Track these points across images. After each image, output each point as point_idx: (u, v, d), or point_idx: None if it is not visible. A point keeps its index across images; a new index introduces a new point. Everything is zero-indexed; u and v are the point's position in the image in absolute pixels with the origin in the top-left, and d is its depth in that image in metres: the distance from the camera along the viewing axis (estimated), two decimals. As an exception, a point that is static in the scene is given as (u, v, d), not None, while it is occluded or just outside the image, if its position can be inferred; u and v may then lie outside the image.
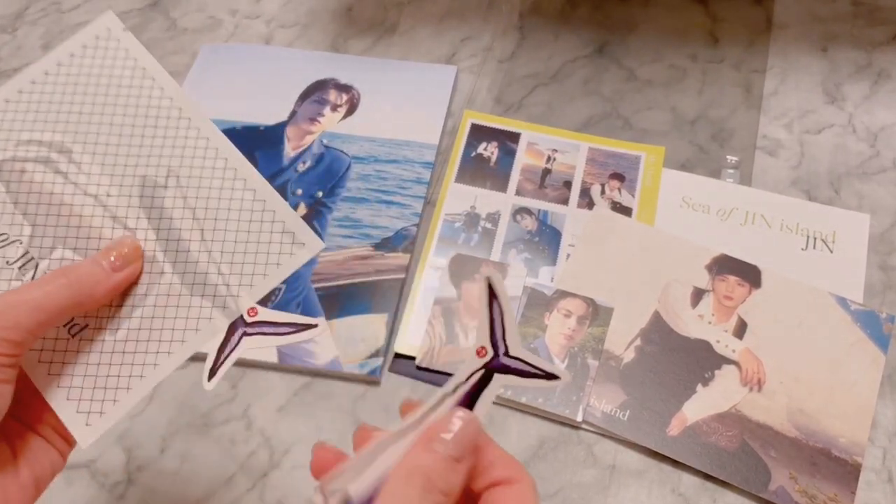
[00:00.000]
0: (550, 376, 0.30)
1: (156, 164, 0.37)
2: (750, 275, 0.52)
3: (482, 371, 0.30)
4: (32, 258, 0.36)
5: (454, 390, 0.29)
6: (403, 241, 0.55)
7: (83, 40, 0.39)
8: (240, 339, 0.35)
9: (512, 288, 0.53)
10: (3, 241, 0.36)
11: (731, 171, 0.58)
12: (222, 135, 0.38)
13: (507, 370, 0.30)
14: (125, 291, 0.36)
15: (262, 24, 0.68)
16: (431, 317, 0.52)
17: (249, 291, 0.36)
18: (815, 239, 0.54)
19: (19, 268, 0.36)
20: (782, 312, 0.51)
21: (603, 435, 0.48)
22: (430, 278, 0.54)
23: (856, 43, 0.64)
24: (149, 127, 0.37)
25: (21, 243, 0.36)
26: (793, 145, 0.59)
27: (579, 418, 0.48)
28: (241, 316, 0.35)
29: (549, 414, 0.48)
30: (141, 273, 0.36)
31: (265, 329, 0.36)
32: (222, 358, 0.35)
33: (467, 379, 0.30)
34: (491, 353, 0.30)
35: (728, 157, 0.59)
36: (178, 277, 0.36)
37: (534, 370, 0.30)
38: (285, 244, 0.36)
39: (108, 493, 0.47)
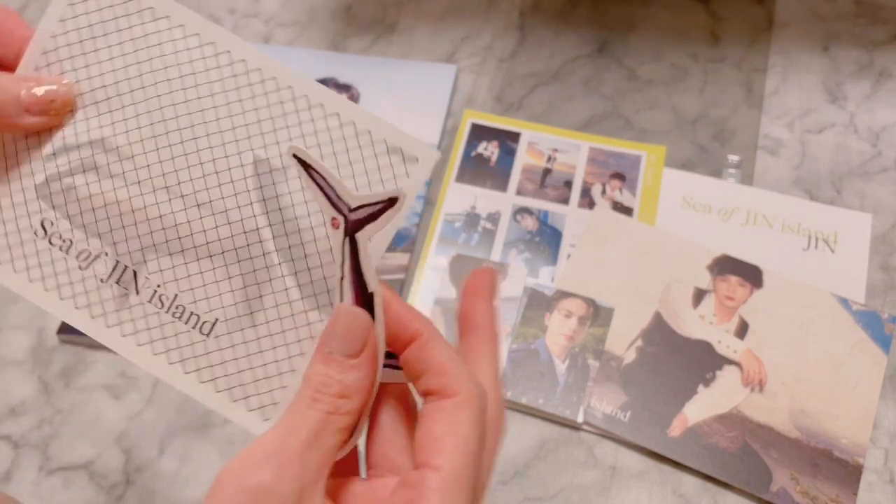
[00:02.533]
0: (391, 200, 0.29)
1: (261, 145, 0.31)
2: (751, 275, 0.52)
3: (349, 241, 0.29)
4: (126, 267, 0.31)
5: (342, 279, 0.28)
6: (403, 241, 0.55)
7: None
8: None
9: (512, 288, 0.53)
10: (85, 258, 0.31)
11: (732, 170, 0.58)
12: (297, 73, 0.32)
13: (360, 224, 0.29)
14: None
15: (261, 23, 0.68)
16: (431, 317, 0.52)
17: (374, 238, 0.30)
18: (816, 239, 0.54)
19: (116, 282, 0.31)
20: (784, 313, 0.51)
21: (604, 436, 0.48)
22: (430, 278, 0.53)
23: (857, 42, 0.64)
24: (233, 102, 0.31)
25: (107, 255, 0.31)
26: (794, 145, 0.59)
27: (580, 419, 0.48)
28: None
29: (550, 415, 0.48)
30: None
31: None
32: None
33: (343, 263, 0.29)
34: (341, 218, 0.29)
35: (729, 156, 0.58)
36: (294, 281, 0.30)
37: (380, 206, 0.29)
38: (397, 166, 0.30)
39: (107, 494, 0.47)
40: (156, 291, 0.31)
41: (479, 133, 0.60)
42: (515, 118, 0.61)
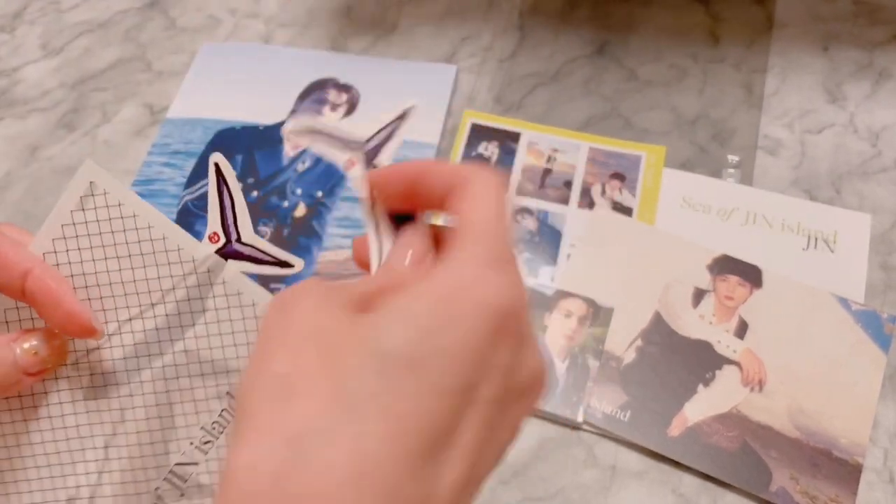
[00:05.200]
0: (284, 264, 0.30)
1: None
2: (751, 275, 0.52)
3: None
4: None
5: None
6: (403, 241, 0.55)
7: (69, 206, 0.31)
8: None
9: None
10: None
11: (731, 170, 0.58)
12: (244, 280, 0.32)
13: (240, 256, 0.30)
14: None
15: (262, 24, 0.68)
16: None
17: None
18: (816, 239, 0.54)
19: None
20: (783, 313, 0.51)
21: (603, 436, 0.48)
22: (430, 278, 0.53)
23: (857, 42, 0.64)
24: None
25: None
26: (794, 145, 0.59)
27: (580, 419, 0.48)
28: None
29: (550, 415, 0.48)
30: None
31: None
32: None
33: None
34: (223, 238, 0.30)
35: (729, 156, 0.59)
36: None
37: (268, 257, 0.30)
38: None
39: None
40: None
41: (480, 133, 0.60)
42: (515, 118, 0.61)
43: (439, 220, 0.27)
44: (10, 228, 0.30)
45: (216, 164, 0.29)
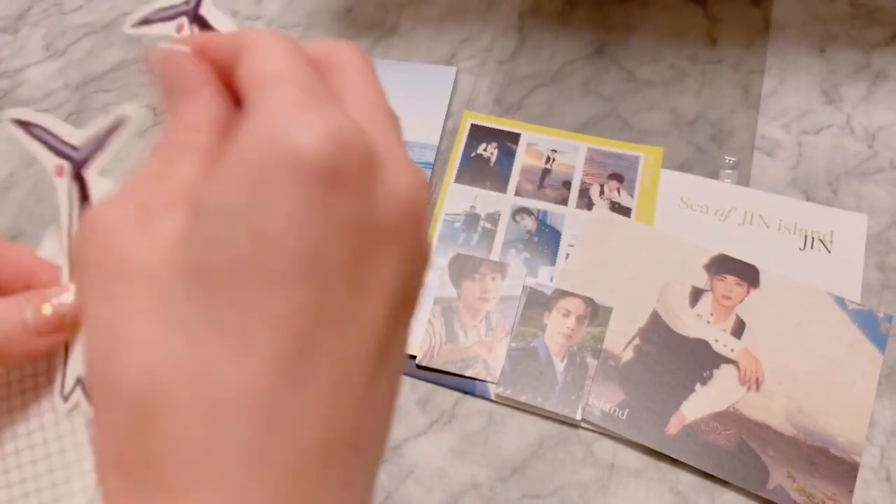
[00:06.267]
0: (118, 121, 0.27)
1: None
2: (748, 274, 0.53)
3: (76, 183, 0.27)
4: None
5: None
6: (403, 241, 0.55)
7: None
8: None
9: (511, 288, 0.53)
10: None
11: (729, 171, 0.58)
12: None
13: (87, 158, 0.27)
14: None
15: (264, 26, 0.68)
16: (431, 316, 0.52)
17: None
18: (812, 239, 0.54)
19: None
20: (780, 312, 0.51)
21: (602, 434, 0.48)
22: (431, 278, 0.54)
23: (854, 43, 0.64)
24: None
25: None
26: (791, 146, 0.59)
27: (578, 417, 0.48)
28: None
29: (549, 413, 0.48)
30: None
31: None
32: None
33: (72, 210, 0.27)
34: (65, 162, 0.27)
35: (726, 157, 0.59)
36: None
37: (107, 132, 0.27)
38: None
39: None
40: None
41: (479, 134, 0.60)
42: (515, 119, 0.62)
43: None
44: None
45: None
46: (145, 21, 0.29)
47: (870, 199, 0.56)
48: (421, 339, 0.51)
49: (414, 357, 0.51)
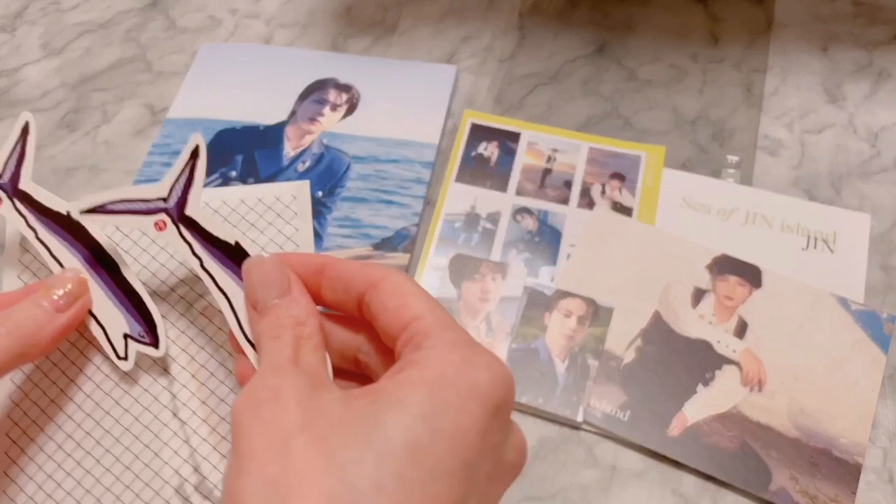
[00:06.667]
0: (194, 154, 0.30)
1: None
2: (750, 275, 0.52)
3: (184, 226, 0.30)
4: None
5: (202, 264, 0.31)
6: (403, 241, 0.55)
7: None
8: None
9: (512, 288, 0.53)
10: None
11: (731, 170, 0.58)
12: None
13: (183, 200, 0.30)
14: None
15: (262, 24, 0.68)
16: (431, 317, 0.52)
17: None
18: (815, 239, 0.54)
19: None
20: (783, 313, 0.51)
21: (603, 435, 0.48)
22: (430, 278, 0.53)
23: (857, 42, 0.64)
24: None
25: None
26: (793, 145, 0.59)
27: (580, 419, 0.48)
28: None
29: (550, 414, 0.48)
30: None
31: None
32: None
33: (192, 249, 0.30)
34: (164, 215, 0.30)
35: (728, 156, 0.59)
36: None
37: (189, 166, 0.30)
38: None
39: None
40: None
41: (479, 133, 0.60)
42: (515, 118, 0.61)
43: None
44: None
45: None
46: (103, 209, 0.30)
47: (873, 198, 0.56)
48: (421, 340, 0.51)
49: (414, 358, 0.51)
